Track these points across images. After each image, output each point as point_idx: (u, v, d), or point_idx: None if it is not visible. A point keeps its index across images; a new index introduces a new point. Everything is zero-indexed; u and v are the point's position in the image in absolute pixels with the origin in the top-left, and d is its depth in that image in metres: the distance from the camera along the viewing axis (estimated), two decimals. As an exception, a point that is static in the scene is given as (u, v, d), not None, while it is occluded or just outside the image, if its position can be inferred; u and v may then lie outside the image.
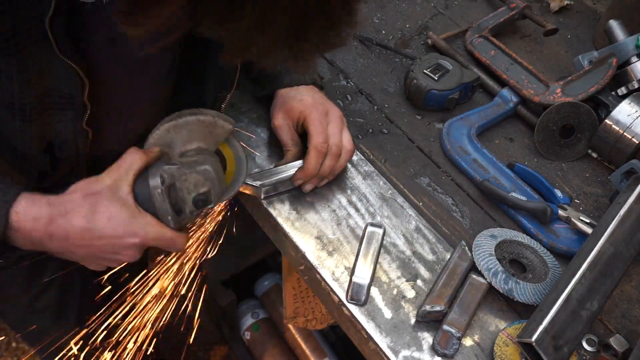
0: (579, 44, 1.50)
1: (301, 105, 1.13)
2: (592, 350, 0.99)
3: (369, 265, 1.05)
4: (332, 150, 1.10)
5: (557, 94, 1.28)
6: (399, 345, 0.98)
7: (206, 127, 0.95)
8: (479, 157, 1.23)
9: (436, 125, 1.31)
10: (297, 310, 1.62)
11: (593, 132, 1.24)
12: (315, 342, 2.07)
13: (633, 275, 1.10)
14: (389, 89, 1.37)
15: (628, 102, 1.20)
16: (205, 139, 0.96)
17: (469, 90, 1.33)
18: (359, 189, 1.18)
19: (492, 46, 1.42)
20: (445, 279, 1.03)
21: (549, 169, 1.26)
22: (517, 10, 1.48)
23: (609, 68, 1.27)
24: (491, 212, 1.17)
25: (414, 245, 1.10)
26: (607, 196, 1.20)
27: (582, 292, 0.96)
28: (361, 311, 1.02)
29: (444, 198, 1.18)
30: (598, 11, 1.59)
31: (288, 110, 1.14)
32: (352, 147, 1.13)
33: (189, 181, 0.91)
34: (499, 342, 0.98)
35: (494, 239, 1.08)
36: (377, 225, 1.11)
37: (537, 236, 1.12)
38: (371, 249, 1.07)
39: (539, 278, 1.05)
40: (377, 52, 1.44)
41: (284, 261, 1.52)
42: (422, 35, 1.49)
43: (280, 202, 1.14)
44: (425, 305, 0.99)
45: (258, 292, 2.24)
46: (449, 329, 0.98)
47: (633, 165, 1.12)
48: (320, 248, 1.09)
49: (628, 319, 1.04)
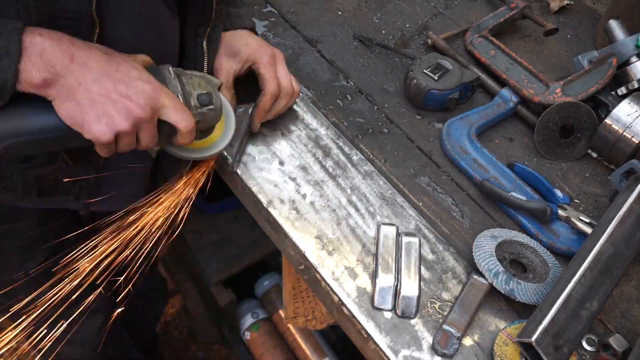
0: (579, 43, 1.50)
1: (248, 48, 1.18)
2: (591, 350, 0.99)
3: (414, 278, 1.03)
4: (286, 90, 1.19)
5: (557, 94, 1.28)
6: (399, 345, 0.98)
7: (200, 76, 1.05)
8: (479, 157, 1.23)
9: (436, 125, 1.31)
10: (297, 310, 1.62)
11: (593, 132, 1.24)
12: (315, 342, 2.07)
13: (633, 275, 1.10)
14: (389, 89, 1.37)
15: (628, 102, 1.20)
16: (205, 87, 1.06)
17: (468, 90, 1.33)
18: (359, 189, 1.18)
19: (492, 46, 1.42)
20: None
21: (549, 169, 1.26)
22: (517, 10, 1.48)
23: (609, 68, 1.27)
24: (491, 212, 1.17)
25: (414, 245, 1.10)
26: (606, 196, 1.20)
27: (582, 292, 0.96)
28: (361, 311, 1.02)
29: (444, 198, 1.18)
30: (598, 11, 1.59)
31: (234, 53, 1.18)
32: (299, 89, 1.24)
33: (194, 80, 1.01)
34: (498, 341, 0.98)
35: (494, 239, 1.08)
36: (411, 234, 1.10)
37: (537, 236, 1.12)
38: (412, 259, 1.06)
39: (540, 278, 1.05)
40: (377, 52, 1.44)
41: (284, 261, 1.52)
42: (422, 35, 1.49)
43: (280, 202, 1.14)
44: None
45: (258, 292, 2.24)
46: (449, 328, 0.98)
47: (633, 165, 1.12)
48: (320, 248, 1.09)
49: (628, 319, 1.04)
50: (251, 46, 1.19)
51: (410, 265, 1.05)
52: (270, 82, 1.16)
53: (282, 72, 1.19)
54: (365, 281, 1.05)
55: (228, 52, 1.18)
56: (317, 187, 1.17)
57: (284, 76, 1.19)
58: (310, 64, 1.40)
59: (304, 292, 1.57)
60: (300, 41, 1.45)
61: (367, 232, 1.12)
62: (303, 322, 1.66)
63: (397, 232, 1.10)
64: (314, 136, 1.25)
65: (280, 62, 1.20)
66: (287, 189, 1.16)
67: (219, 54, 1.18)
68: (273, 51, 1.20)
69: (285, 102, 1.20)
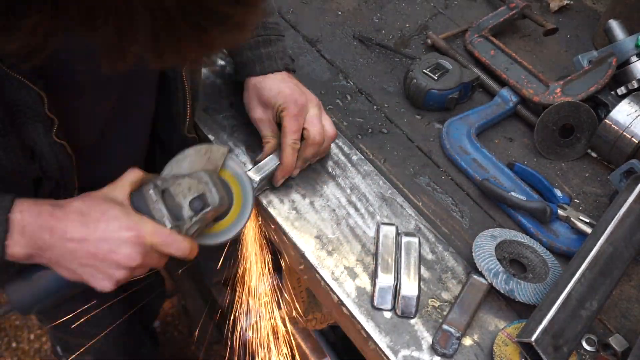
0: (579, 43, 1.50)
1: (280, 97, 1.12)
2: (591, 350, 0.99)
3: (413, 277, 1.03)
4: (315, 139, 1.11)
5: (557, 94, 1.28)
6: (399, 345, 0.98)
7: (204, 154, 1.00)
8: (479, 157, 1.23)
9: (436, 125, 1.31)
10: (297, 310, 1.61)
11: (592, 132, 1.24)
12: (315, 342, 2.06)
13: (632, 274, 1.10)
14: (389, 89, 1.37)
15: (627, 102, 1.20)
16: (205, 165, 0.99)
17: (468, 90, 1.33)
18: (359, 189, 1.18)
19: (492, 46, 1.42)
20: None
21: (549, 169, 1.26)
22: (517, 10, 1.48)
23: (609, 68, 1.27)
24: (491, 212, 1.17)
25: (414, 245, 1.10)
26: (606, 196, 1.20)
27: (581, 292, 0.96)
28: (361, 311, 1.02)
29: (444, 198, 1.18)
30: (598, 11, 1.59)
31: (266, 102, 1.14)
32: (334, 131, 1.16)
33: (183, 185, 0.93)
34: (498, 341, 0.98)
35: (493, 239, 1.08)
36: (410, 234, 1.10)
37: (536, 236, 1.12)
38: (411, 259, 1.06)
39: (540, 278, 1.05)
40: (377, 51, 1.44)
41: (284, 261, 1.52)
42: (421, 35, 1.49)
43: (280, 202, 1.14)
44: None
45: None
46: (449, 328, 0.98)
47: (632, 164, 1.12)
48: (319, 248, 1.09)
49: (627, 319, 1.04)
50: (283, 94, 1.12)
51: (409, 265, 1.05)
52: (289, 135, 1.10)
53: (311, 117, 1.12)
54: (364, 281, 1.05)
55: (261, 100, 1.15)
56: (316, 187, 1.17)
57: (314, 122, 1.12)
58: (310, 63, 1.40)
59: (304, 292, 1.56)
60: (300, 41, 1.45)
61: (367, 232, 1.12)
62: (303, 322, 1.65)
63: (397, 232, 1.10)
64: (313, 136, 1.25)
65: (312, 108, 1.13)
66: (287, 189, 1.16)
67: (254, 104, 1.16)
68: (304, 99, 1.13)
69: (312, 151, 1.13)
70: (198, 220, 0.94)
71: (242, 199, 1.03)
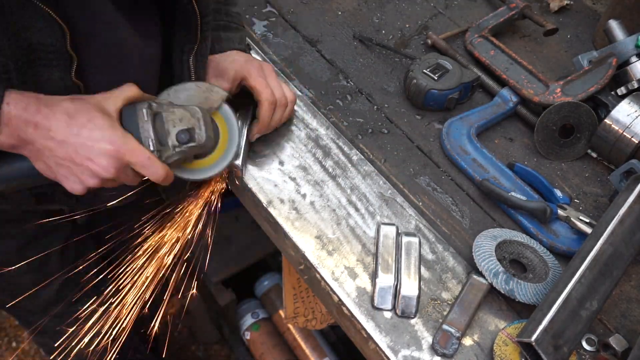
0: (579, 43, 1.50)
1: (235, 65, 1.17)
2: (591, 350, 0.99)
3: (413, 277, 1.03)
4: (281, 101, 1.17)
5: (557, 94, 1.28)
6: (399, 345, 0.98)
7: (203, 92, 1.03)
8: (479, 157, 1.23)
9: (436, 125, 1.31)
10: (297, 310, 1.62)
11: (593, 132, 1.24)
12: (315, 342, 2.07)
13: (632, 275, 1.10)
14: (389, 89, 1.37)
15: (628, 102, 1.20)
16: (202, 103, 1.02)
17: (468, 90, 1.33)
18: (359, 189, 1.18)
19: (492, 46, 1.42)
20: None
21: (549, 169, 1.26)
22: (517, 10, 1.49)
23: (609, 68, 1.27)
24: (491, 212, 1.17)
25: (414, 245, 1.10)
26: (606, 196, 1.20)
27: (581, 292, 0.96)
28: (361, 311, 1.02)
29: (444, 198, 1.18)
30: (598, 11, 1.59)
31: (222, 72, 1.17)
32: (294, 97, 1.22)
33: (175, 114, 0.96)
34: (498, 341, 0.98)
35: (493, 239, 1.08)
36: (411, 234, 1.10)
37: (536, 236, 1.12)
38: (412, 259, 1.06)
39: (540, 278, 1.05)
40: (377, 51, 1.44)
41: (284, 261, 1.52)
42: (422, 35, 1.49)
43: (280, 202, 1.15)
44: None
45: (258, 292, 2.24)
46: (449, 328, 0.98)
47: (632, 165, 1.12)
48: (320, 248, 1.09)
49: (627, 319, 1.04)
50: (238, 62, 1.17)
51: (410, 265, 1.05)
52: (264, 91, 1.15)
53: (272, 82, 1.17)
54: (365, 281, 1.05)
55: (216, 72, 1.17)
56: (317, 187, 1.17)
57: (276, 86, 1.17)
58: (310, 64, 1.40)
59: (304, 292, 1.57)
60: (300, 41, 1.45)
61: (367, 232, 1.12)
62: (303, 322, 1.66)
63: (397, 232, 1.10)
64: (313, 136, 1.26)
65: (270, 74, 1.18)
66: (287, 189, 1.17)
67: (207, 77, 1.17)
68: (261, 64, 1.19)
69: (280, 113, 1.19)
70: (180, 152, 0.97)
71: (227, 146, 1.06)
